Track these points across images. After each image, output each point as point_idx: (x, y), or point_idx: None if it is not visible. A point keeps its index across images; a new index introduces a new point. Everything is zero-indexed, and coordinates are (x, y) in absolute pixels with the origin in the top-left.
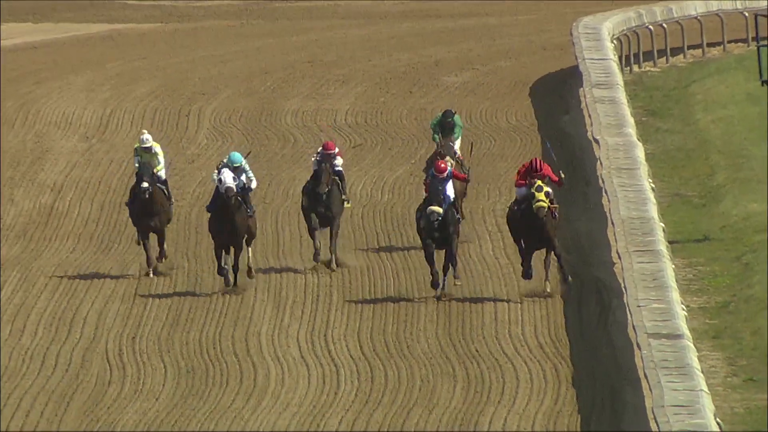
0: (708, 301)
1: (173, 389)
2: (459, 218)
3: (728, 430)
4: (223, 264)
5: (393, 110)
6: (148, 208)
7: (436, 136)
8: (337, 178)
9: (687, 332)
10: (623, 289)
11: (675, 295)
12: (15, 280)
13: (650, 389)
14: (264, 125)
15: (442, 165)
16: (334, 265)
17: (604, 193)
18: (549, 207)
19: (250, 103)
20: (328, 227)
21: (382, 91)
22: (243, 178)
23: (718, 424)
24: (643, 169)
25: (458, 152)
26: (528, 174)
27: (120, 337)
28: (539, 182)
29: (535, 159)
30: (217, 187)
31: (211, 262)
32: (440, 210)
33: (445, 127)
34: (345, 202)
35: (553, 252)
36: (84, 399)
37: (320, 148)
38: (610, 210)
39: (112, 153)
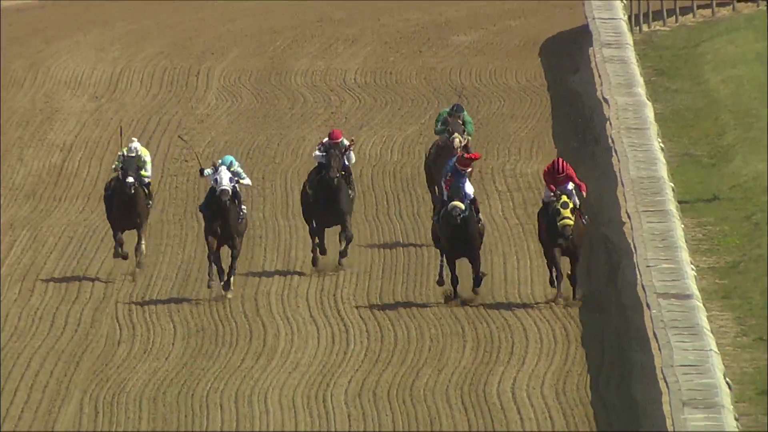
0: (717, 261)
1: (183, 349)
2: (480, 220)
3: (738, 390)
4: (213, 274)
5: (402, 70)
6: (129, 204)
7: (438, 125)
8: (344, 172)
9: (696, 292)
10: (632, 248)
11: (684, 255)
12: (24, 240)
13: (659, 349)
14: (273, 85)
15: (467, 158)
16: (344, 261)
17: (613, 153)
18: (573, 223)
19: (259, 62)
20: (336, 225)
21: (392, 51)
22: (241, 181)
23: (727, 383)
24: (653, 129)
25: (468, 140)
26: (550, 176)
27: (129, 297)
28: (564, 198)
29: (558, 160)
30: (212, 187)
31: None
32: (462, 206)
33: (449, 124)
34: (352, 196)
35: (573, 264)
36: (93, 359)
37: (326, 138)
38: (619, 170)
39: (122, 113)
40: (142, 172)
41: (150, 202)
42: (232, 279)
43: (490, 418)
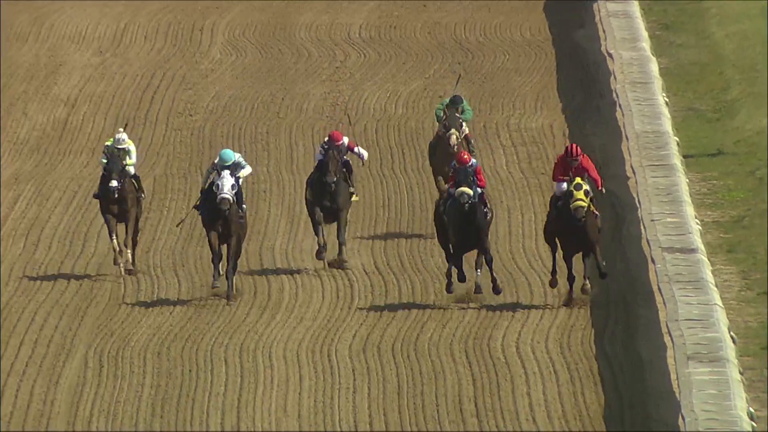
0: (722, 216)
1: (187, 303)
2: (489, 213)
3: (742, 344)
4: (217, 274)
5: (407, 24)
6: (118, 204)
7: (440, 113)
8: (344, 169)
9: (701, 246)
10: (637, 203)
11: (689, 210)
12: (29, 195)
13: (664, 303)
14: (278, 39)
15: (465, 156)
16: (345, 256)
17: (618, 108)
18: (589, 205)
19: (263, 17)
20: (335, 222)
21: (396, 5)
22: (242, 173)
23: (732, 337)
24: (657, 84)
25: (466, 130)
26: (564, 163)
27: (134, 251)
28: (578, 180)
29: (572, 145)
30: (210, 189)
31: None
32: (470, 191)
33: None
34: (353, 195)
35: (594, 256)
36: (98, 313)
37: (326, 138)
38: (624, 124)
39: (126, 67)
40: (128, 160)
41: (141, 194)
42: (234, 280)
43: (494, 372)
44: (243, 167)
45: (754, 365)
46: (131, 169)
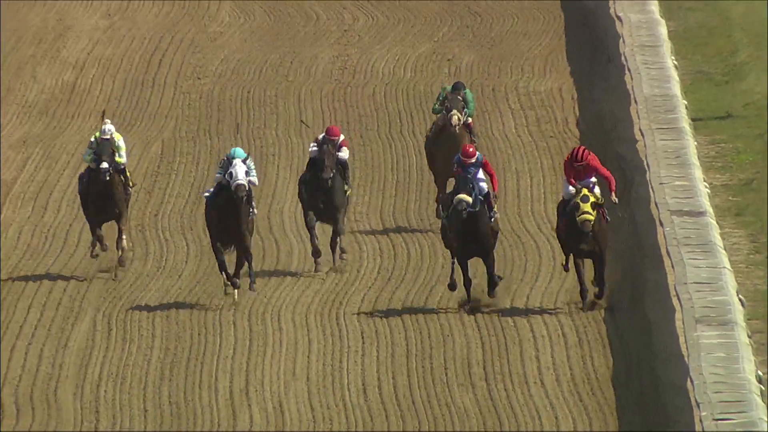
0: (731, 179)
1: (195, 266)
2: (493, 215)
3: (750, 307)
4: (227, 281)
5: None
6: (105, 194)
7: (436, 105)
8: (340, 166)
9: (710, 209)
10: (646, 166)
11: (698, 173)
12: (38, 157)
13: (672, 266)
14: (286, 2)
15: (470, 149)
16: (339, 263)
17: (626, 71)
18: (596, 216)
19: None
20: (330, 223)
21: None
22: (249, 178)
23: (740, 301)
24: (666, 47)
25: (469, 120)
26: (569, 166)
27: (143, 214)
28: (585, 191)
29: (578, 148)
30: (222, 181)
31: (233, 138)
32: (469, 199)
33: (451, 101)
34: (347, 191)
35: (597, 265)
36: (107, 277)
37: (322, 134)
38: (632, 87)
39: (134, 30)
40: (117, 158)
41: (129, 190)
42: (254, 277)
43: (503, 335)
44: (252, 173)
45: (763, 328)
46: (122, 165)
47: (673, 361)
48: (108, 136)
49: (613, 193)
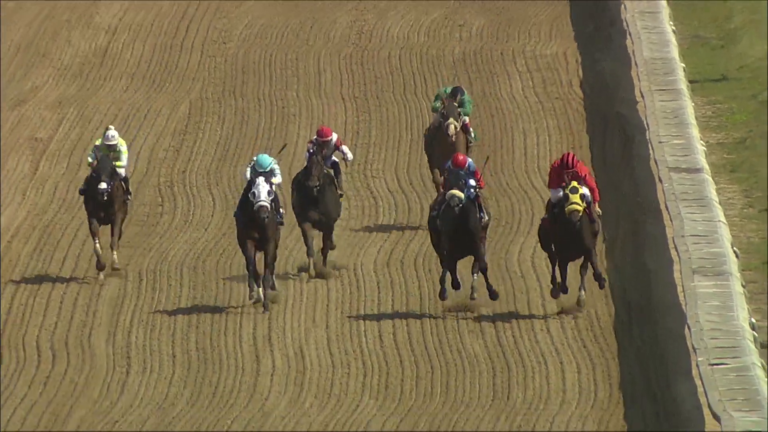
0: (726, 137)
1: (221, 220)
2: (485, 217)
3: (744, 259)
4: (253, 285)
5: None
6: (104, 207)
7: (437, 104)
8: (332, 170)
9: (706, 166)
10: (646, 125)
11: (694, 132)
12: (72, 117)
13: (671, 220)
14: None
15: (461, 157)
16: (326, 270)
17: (628, 36)
18: (584, 210)
19: None
20: (321, 229)
21: None
22: (273, 180)
23: (734, 252)
24: (665, 12)
25: (466, 120)
26: (560, 171)
27: (171, 171)
28: (574, 183)
29: (568, 154)
30: (246, 198)
31: (257, 99)
32: (461, 195)
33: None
34: (340, 197)
35: (590, 263)
36: (137, 229)
37: (315, 137)
38: (633, 51)
39: None
40: (117, 163)
41: (128, 197)
42: (273, 278)
43: (511, 285)
44: (276, 175)
45: (756, 278)
46: (122, 171)
47: (672, 309)
48: (113, 142)
49: (596, 204)
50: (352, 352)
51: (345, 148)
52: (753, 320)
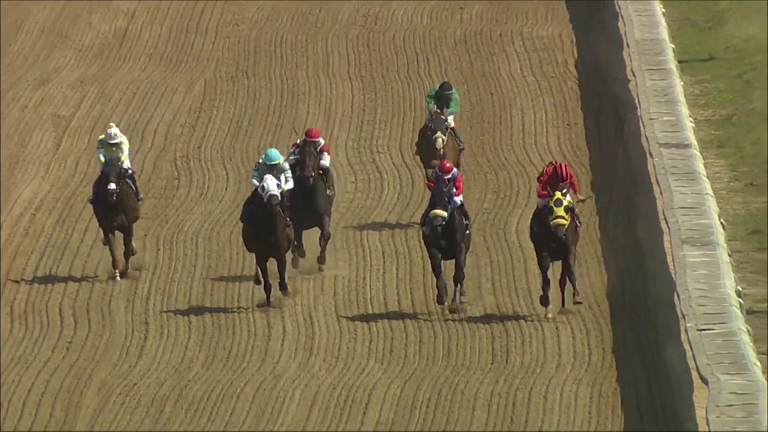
0: (713, 114)
1: (235, 193)
2: (467, 224)
3: (731, 230)
4: (268, 280)
5: None
6: (115, 208)
7: (430, 102)
8: (321, 171)
9: (694, 142)
10: (637, 103)
11: (684, 109)
12: (93, 95)
13: (661, 193)
14: None
15: (447, 164)
16: (322, 267)
17: (620, 18)
18: (568, 223)
19: None
20: (315, 226)
21: None
22: (282, 178)
23: (721, 224)
24: None
25: (452, 123)
26: (551, 182)
27: (187, 146)
28: (558, 195)
29: (560, 165)
30: (256, 194)
31: (268, 78)
32: (444, 214)
33: (441, 99)
34: (331, 196)
35: (568, 275)
36: (155, 202)
37: (302, 137)
38: (625, 32)
39: None
40: (121, 155)
41: (140, 198)
42: (286, 280)
43: (509, 254)
44: (288, 180)
45: (742, 248)
46: (126, 163)
47: (662, 277)
48: (116, 141)
49: (577, 194)
50: (359, 318)
51: (326, 155)
52: (739, 288)
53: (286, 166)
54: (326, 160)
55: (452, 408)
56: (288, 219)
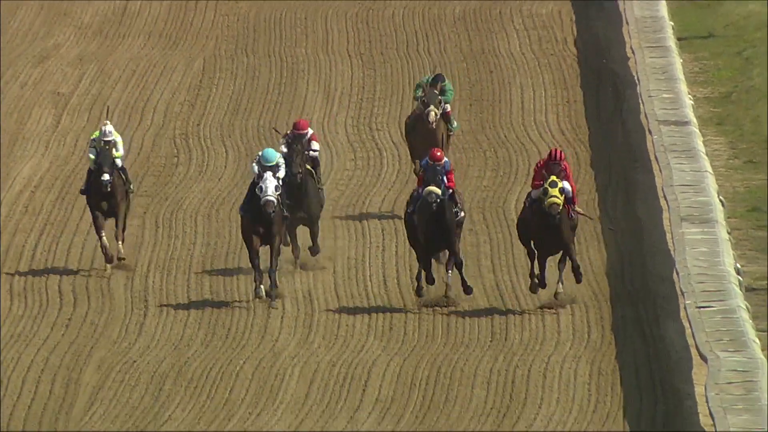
0: (712, 92)
1: (234, 171)
2: (460, 213)
3: (730, 207)
4: (259, 280)
5: None
6: (107, 198)
7: (418, 92)
8: (310, 164)
9: (693, 119)
10: (636, 80)
11: (683, 86)
12: (92, 73)
13: (660, 170)
14: None
15: (438, 153)
16: (319, 257)
17: None
18: (564, 205)
19: None
20: (307, 226)
21: None
22: (280, 174)
23: (720, 201)
24: None
25: (447, 108)
26: (546, 166)
27: (186, 124)
28: (554, 177)
29: (555, 149)
30: (255, 190)
31: (267, 56)
32: (438, 191)
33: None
34: (321, 191)
35: (569, 257)
36: (154, 179)
37: (290, 130)
38: (624, 10)
39: None
40: (115, 153)
41: (130, 187)
42: (276, 277)
43: (508, 232)
44: (280, 169)
45: (740, 226)
46: (119, 162)
47: (661, 255)
48: (109, 138)
49: (576, 205)
50: (358, 295)
51: (315, 143)
52: (738, 265)
53: (282, 161)
54: (315, 151)
55: (451, 385)
56: (285, 212)
